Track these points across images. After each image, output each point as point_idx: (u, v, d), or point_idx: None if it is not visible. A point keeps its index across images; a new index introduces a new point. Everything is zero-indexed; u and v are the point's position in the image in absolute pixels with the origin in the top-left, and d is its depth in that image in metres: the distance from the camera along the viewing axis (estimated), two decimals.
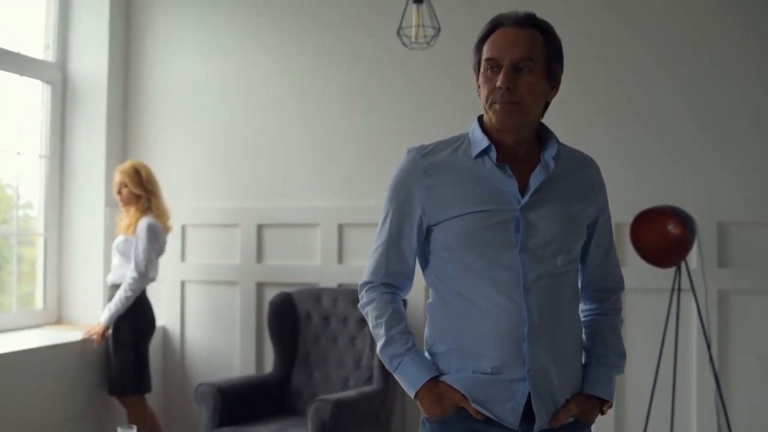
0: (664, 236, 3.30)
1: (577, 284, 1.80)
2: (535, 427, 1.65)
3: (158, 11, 4.45)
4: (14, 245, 4.13)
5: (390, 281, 1.79)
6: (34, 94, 4.27)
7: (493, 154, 1.70)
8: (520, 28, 1.69)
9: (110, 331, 3.75)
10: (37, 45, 4.31)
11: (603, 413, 1.75)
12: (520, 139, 1.73)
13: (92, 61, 4.33)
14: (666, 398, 3.48)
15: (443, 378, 1.70)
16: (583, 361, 1.79)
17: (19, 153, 4.15)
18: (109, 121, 4.33)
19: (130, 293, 3.71)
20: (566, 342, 1.70)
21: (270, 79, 4.27)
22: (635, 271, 3.55)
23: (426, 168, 1.73)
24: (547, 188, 1.70)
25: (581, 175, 1.77)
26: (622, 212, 3.50)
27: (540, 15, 1.74)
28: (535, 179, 1.70)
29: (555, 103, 1.79)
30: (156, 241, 3.79)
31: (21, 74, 4.12)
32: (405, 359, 1.71)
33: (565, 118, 3.62)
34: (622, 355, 1.80)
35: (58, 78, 4.32)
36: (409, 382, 1.71)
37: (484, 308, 1.66)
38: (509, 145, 1.73)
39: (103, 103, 4.31)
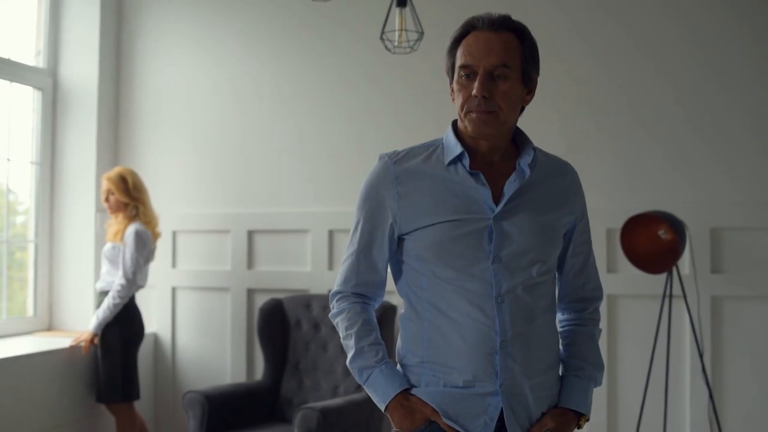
0: (655, 242, 3.26)
1: (554, 294, 1.75)
2: None
3: (149, 18, 4.44)
4: (4, 252, 4.11)
5: (361, 291, 1.75)
6: (25, 100, 4.26)
7: (467, 161, 1.65)
8: (494, 32, 1.62)
9: (98, 338, 3.73)
10: (28, 51, 4.30)
11: (579, 427, 1.71)
12: (495, 146, 1.68)
13: (83, 67, 4.32)
14: (658, 408, 3.44)
15: (414, 391, 1.65)
16: (560, 373, 1.74)
17: (9, 159, 4.13)
18: (100, 127, 4.32)
19: (118, 300, 3.69)
20: (541, 354, 1.66)
21: (260, 85, 4.24)
22: (626, 276, 3.51)
23: (398, 175, 1.68)
24: (523, 196, 1.65)
25: (559, 182, 1.72)
26: (615, 217, 3.46)
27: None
28: (510, 187, 1.65)
29: (551, 106, 1.75)
30: (144, 247, 3.76)
31: (11, 80, 4.11)
32: (375, 371, 1.67)
33: (560, 121, 3.59)
34: (599, 366, 1.76)
35: (49, 84, 4.31)
36: (378, 395, 1.67)
37: (456, 320, 1.62)
38: (484, 152, 1.68)
39: (93, 109, 4.30)
